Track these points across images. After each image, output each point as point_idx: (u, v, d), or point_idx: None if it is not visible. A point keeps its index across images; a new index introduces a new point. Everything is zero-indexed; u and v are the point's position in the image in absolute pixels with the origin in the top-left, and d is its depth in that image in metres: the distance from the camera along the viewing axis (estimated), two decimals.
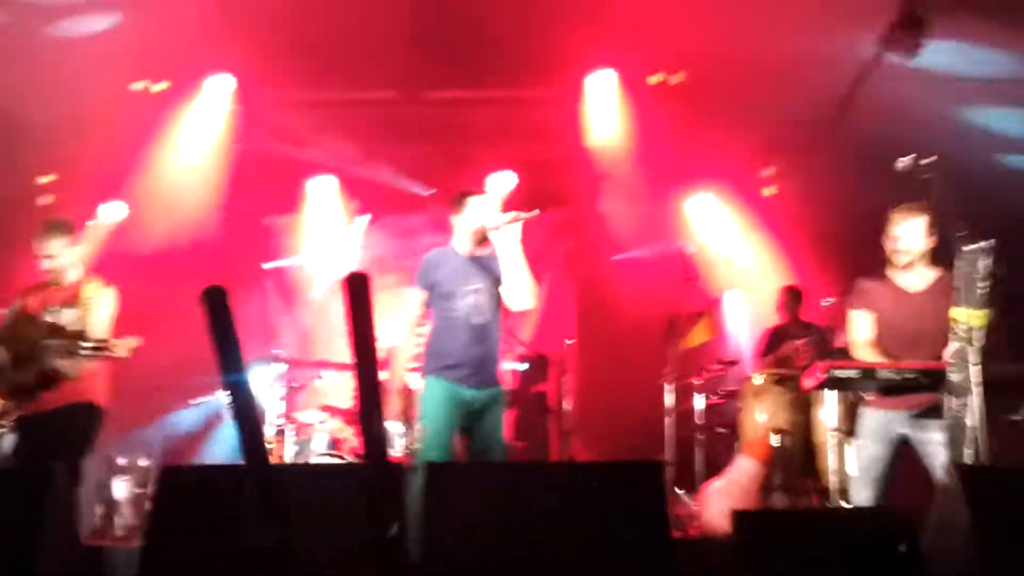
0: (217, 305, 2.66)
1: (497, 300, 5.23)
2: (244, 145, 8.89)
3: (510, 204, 9.59)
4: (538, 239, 9.94)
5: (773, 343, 7.46)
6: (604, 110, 8.53)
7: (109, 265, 8.39)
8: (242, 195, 9.22)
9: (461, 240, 5.37)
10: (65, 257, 5.30)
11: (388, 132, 8.31)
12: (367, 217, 9.73)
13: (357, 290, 2.62)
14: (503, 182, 9.33)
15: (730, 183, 9.35)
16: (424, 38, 7.33)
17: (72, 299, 5.22)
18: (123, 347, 5.93)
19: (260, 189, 9.42)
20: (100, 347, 4.92)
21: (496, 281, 5.20)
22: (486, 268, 5.25)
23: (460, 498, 3.18)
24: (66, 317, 5.14)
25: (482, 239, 5.27)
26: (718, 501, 6.09)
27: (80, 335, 4.97)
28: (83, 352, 4.88)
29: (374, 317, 2.66)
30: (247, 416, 2.90)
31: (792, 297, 7.69)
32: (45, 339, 5.00)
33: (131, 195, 9.07)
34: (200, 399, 8.08)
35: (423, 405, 5.20)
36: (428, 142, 8.89)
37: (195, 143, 8.63)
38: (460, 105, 8.62)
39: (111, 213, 9.29)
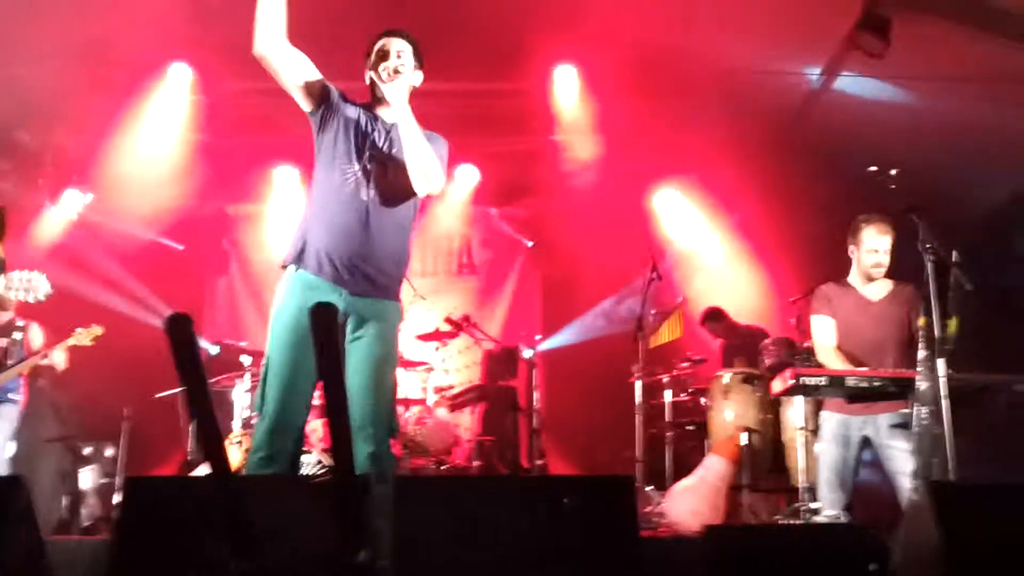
0: (182, 335, 2.55)
1: (404, 182, 3.89)
2: (207, 136, 8.75)
3: (481, 197, 9.60)
4: (505, 233, 9.91)
5: (727, 358, 7.53)
6: (570, 104, 8.45)
7: (74, 253, 8.36)
8: (206, 184, 9.11)
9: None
10: None
11: None
12: None
13: (323, 321, 2.58)
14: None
15: (697, 179, 9.36)
16: (388, 27, 7.21)
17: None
18: (87, 336, 6.07)
19: (224, 178, 9.27)
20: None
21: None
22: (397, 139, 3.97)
23: (429, 513, 3.14)
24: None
25: (380, 96, 4.06)
26: (688, 500, 6.09)
27: None
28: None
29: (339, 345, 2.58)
30: (211, 433, 2.83)
31: (712, 320, 7.83)
32: None
33: (96, 184, 8.94)
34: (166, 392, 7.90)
35: (272, 314, 3.82)
36: None
37: (158, 132, 8.48)
38: (424, 96, 8.47)
39: (75, 201, 9.13)
